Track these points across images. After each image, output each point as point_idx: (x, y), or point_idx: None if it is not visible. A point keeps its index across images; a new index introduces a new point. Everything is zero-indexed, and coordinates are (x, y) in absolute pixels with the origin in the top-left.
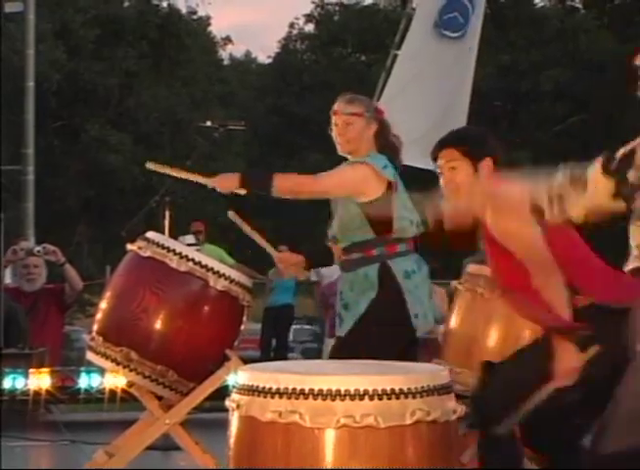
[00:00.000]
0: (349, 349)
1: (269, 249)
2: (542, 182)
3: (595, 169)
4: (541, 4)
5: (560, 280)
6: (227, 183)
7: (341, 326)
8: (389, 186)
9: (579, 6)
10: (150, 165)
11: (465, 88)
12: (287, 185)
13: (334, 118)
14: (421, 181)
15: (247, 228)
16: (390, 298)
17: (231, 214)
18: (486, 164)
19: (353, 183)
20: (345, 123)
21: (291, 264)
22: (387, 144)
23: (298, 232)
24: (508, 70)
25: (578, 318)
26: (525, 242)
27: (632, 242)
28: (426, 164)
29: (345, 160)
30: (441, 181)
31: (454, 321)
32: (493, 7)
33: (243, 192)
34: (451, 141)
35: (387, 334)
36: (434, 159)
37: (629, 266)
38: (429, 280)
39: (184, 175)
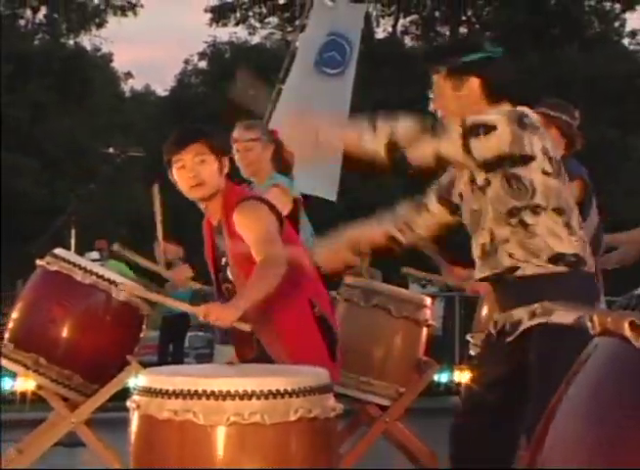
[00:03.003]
0: None
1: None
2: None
3: (431, 199)
4: (410, 44)
5: (276, 276)
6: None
7: None
8: (296, 203)
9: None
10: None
11: (342, 120)
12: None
13: (235, 146)
14: None
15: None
16: None
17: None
18: (226, 162)
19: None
20: (246, 149)
21: (181, 278)
22: (283, 162)
23: (191, 248)
24: (382, 105)
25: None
26: (261, 227)
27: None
28: (304, 189)
29: (247, 181)
30: (181, 176)
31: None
32: (368, 46)
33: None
34: (199, 134)
35: None
36: (172, 157)
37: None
38: None
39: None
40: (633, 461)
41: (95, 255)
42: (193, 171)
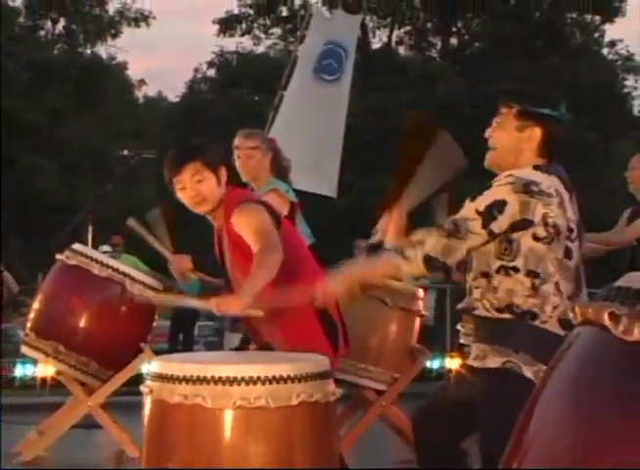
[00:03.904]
0: None
1: (165, 253)
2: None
3: None
4: (404, 54)
5: (275, 262)
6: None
7: None
8: (293, 207)
9: (436, 56)
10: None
11: (340, 123)
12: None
13: (236, 152)
14: None
15: (145, 234)
16: None
17: (131, 222)
18: (223, 172)
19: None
20: (247, 156)
21: (181, 268)
22: (280, 168)
23: (203, 245)
24: (376, 110)
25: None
26: (256, 223)
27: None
28: (302, 186)
29: (246, 184)
30: (184, 196)
31: None
32: (363, 54)
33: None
34: (193, 154)
35: None
36: (172, 178)
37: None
38: None
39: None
40: (613, 449)
41: (106, 247)
42: (193, 191)
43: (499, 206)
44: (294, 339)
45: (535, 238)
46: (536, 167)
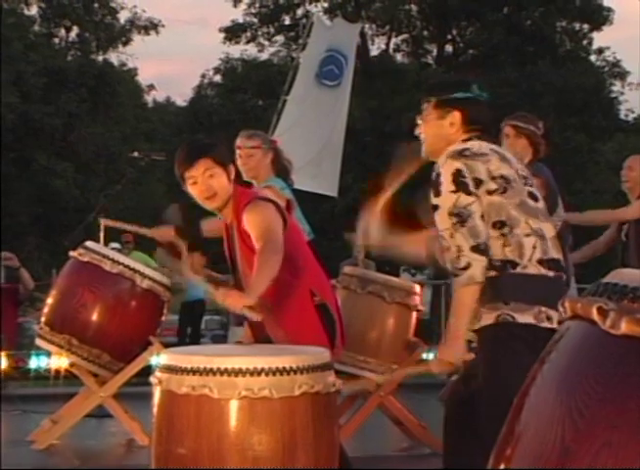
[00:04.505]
0: None
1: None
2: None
3: None
4: (401, 60)
5: (276, 262)
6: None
7: None
8: (288, 204)
9: (432, 62)
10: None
11: (340, 126)
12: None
13: (238, 152)
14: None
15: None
16: None
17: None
18: (232, 169)
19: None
20: (247, 155)
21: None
22: (281, 168)
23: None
24: (375, 113)
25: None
26: (264, 221)
27: None
28: (304, 186)
29: (248, 182)
30: (195, 190)
31: None
32: (363, 61)
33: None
34: (205, 151)
35: None
36: (184, 174)
37: None
38: None
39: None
40: (602, 439)
41: (116, 244)
42: (205, 185)
43: (459, 174)
44: (294, 335)
45: (489, 193)
46: (466, 140)
